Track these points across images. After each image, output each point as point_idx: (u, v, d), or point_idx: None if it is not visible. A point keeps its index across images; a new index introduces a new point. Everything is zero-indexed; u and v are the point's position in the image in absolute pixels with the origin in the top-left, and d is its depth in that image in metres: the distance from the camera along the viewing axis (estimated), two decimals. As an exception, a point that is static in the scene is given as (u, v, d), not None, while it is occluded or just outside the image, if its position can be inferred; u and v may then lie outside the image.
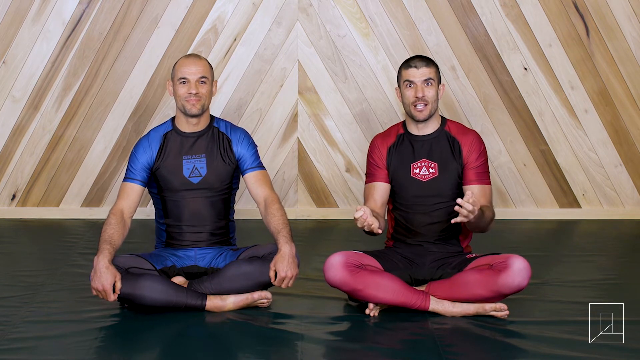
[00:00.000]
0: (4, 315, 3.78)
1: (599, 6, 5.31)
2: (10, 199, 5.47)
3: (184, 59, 4.00)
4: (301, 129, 5.44)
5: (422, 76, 3.96)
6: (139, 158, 4.00)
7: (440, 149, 4.01)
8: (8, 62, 5.32)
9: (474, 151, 4.00)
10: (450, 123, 4.08)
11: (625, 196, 5.54)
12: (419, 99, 3.95)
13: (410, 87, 3.97)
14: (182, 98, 3.94)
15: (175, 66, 3.99)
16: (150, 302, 3.75)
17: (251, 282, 3.84)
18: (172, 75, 4.00)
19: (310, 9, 5.32)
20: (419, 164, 4.01)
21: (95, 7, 5.28)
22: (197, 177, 4.00)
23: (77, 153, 5.44)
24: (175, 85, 3.97)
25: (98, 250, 3.75)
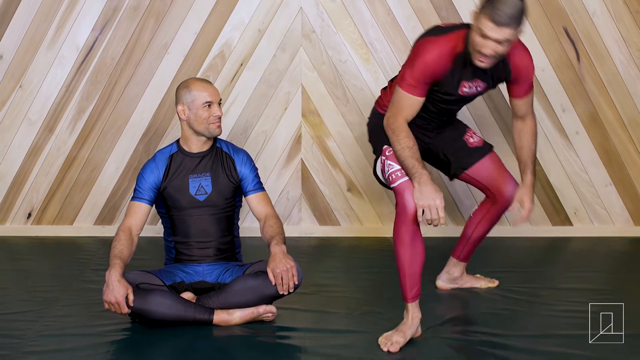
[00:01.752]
0: (20, 328, 3.78)
1: (589, 33, 5.31)
2: (26, 217, 5.46)
3: (203, 84, 4.02)
4: (304, 150, 5.43)
5: (503, 36, 3.50)
6: (147, 178, 4.02)
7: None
8: (24, 87, 5.32)
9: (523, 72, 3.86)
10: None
11: (615, 214, 5.53)
12: (486, 56, 3.58)
13: (482, 39, 3.53)
14: (208, 120, 3.97)
15: (191, 91, 3.98)
16: (160, 316, 3.74)
17: (257, 296, 3.84)
18: (188, 100, 3.98)
19: (313, 35, 5.32)
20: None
21: (107, 34, 5.28)
22: (202, 195, 4.02)
23: (90, 173, 5.43)
24: (196, 109, 3.96)
25: (109, 265, 3.75)
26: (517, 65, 3.80)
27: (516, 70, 3.81)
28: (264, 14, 5.30)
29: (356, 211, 5.52)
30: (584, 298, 4.23)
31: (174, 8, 5.28)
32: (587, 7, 5.29)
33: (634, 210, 5.54)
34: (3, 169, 5.40)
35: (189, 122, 4.00)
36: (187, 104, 3.98)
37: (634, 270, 4.81)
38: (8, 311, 4.02)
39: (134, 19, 5.28)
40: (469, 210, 5.47)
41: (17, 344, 3.62)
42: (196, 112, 3.97)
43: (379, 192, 5.47)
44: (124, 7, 5.27)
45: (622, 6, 5.29)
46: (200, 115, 3.96)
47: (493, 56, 3.57)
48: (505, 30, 3.46)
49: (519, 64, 3.80)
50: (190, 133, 4.03)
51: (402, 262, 3.71)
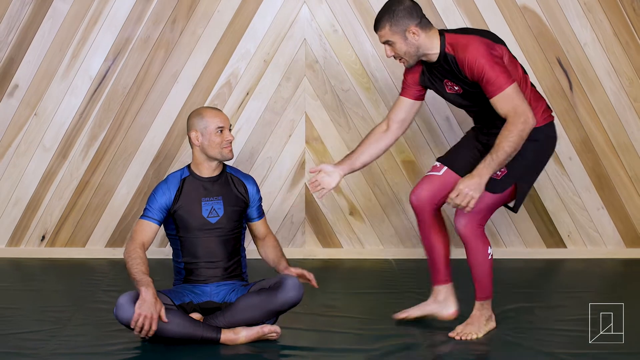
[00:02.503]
0: (34, 347, 3.75)
1: (581, 62, 5.32)
2: (40, 239, 5.45)
3: (214, 111, 4.05)
4: (308, 176, 5.42)
5: (381, 40, 3.81)
6: (158, 199, 4.00)
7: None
8: (39, 114, 5.32)
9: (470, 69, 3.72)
10: (448, 37, 3.78)
11: (607, 237, 5.52)
12: (394, 58, 3.86)
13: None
14: (220, 145, 3.97)
15: (203, 118, 3.98)
16: (170, 334, 3.72)
17: (260, 312, 3.83)
18: (201, 126, 3.98)
19: (317, 65, 5.32)
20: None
21: (119, 64, 5.29)
22: (214, 217, 4.01)
23: (102, 198, 5.43)
24: (209, 135, 3.97)
25: (139, 282, 3.73)
26: (463, 65, 3.71)
27: (469, 73, 3.71)
28: (269, 45, 5.31)
29: (358, 234, 5.50)
30: (577, 317, 4.21)
31: (182, 39, 5.29)
32: (579, 38, 5.30)
33: (625, 233, 5.52)
34: (18, 193, 5.40)
35: (202, 147, 4.00)
36: (200, 131, 3.99)
37: (626, 290, 4.79)
38: (22, 330, 4.00)
39: (145, 50, 5.29)
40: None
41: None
42: (209, 138, 3.97)
43: (379, 215, 5.46)
44: (135, 39, 5.28)
45: (613, 37, 5.30)
46: (213, 141, 3.97)
47: (398, 57, 3.82)
48: (379, 33, 3.79)
49: (463, 66, 3.71)
50: (203, 158, 4.03)
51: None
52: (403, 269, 5.20)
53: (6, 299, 4.52)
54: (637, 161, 5.43)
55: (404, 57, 3.81)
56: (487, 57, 3.66)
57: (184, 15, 5.28)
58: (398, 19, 3.72)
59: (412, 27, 3.73)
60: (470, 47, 3.69)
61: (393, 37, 3.75)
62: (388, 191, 5.44)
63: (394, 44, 3.77)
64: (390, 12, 3.74)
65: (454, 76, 3.80)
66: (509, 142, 3.60)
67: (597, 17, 5.28)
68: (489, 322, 4.00)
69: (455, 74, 3.78)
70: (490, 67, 3.64)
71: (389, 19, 3.73)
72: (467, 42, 3.72)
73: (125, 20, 5.27)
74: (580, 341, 3.86)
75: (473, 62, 3.66)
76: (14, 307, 4.38)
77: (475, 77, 3.69)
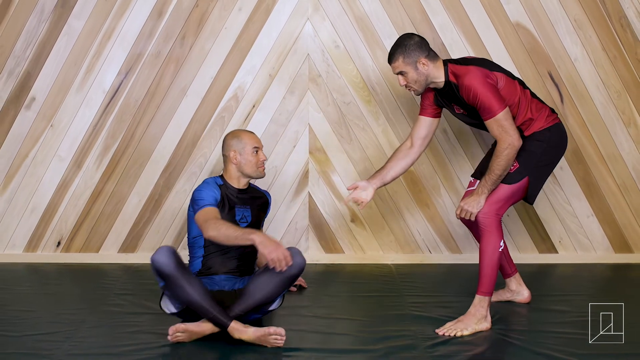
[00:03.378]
0: (49, 349, 3.75)
1: (572, 77, 5.31)
2: (56, 245, 5.44)
3: (250, 133, 4.41)
4: (311, 184, 5.41)
5: (394, 71, 4.18)
6: (210, 193, 4.20)
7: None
8: (55, 126, 5.31)
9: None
10: (451, 67, 4.15)
11: (596, 243, 5.50)
12: (406, 87, 4.20)
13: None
14: (256, 164, 4.32)
15: (241, 139, 4.33)
16: (191, 299, 3.79)
17: (273, 285, 3.89)
18: (239, 147, 4.31)
19: (319, 79, 5.32)
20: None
21: (131, 78, 5.28)
22: (244, 223, 4.26)
23: (115, 205, 5.41)
24: (246, 155, 4.29)
25: (246, 233, 3.83)
26: (462, 91, 4.07)
27: (465, 96, 4.07)
28: (274, 60, 5.30)
29: (359, 240, 5.49)
30: (569, 319, 4.22)
31: (192, 55, 5.28)
32: (569, 53, 5.29)
33: (614, 239, 5.51)
34: (35, 201, 5.39)
35: (239, 165, 4.31)
36: (238, 150, 4.31)
37: (614, 293, 4.76)
38: (38, 332, 4.00)
39: (156, 64, 5.29)
40: (462, 239, 5.45)
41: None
42: (246, 157, 4.31)
43: (379, 222, 5.45)
44: (146, 54, 5.27)
45: (602, 52, 5.29)
46: (250, 160, 4.31)
47: (409, 86, 4.17)
48: (393, 65, 4.16)
49: (462, 91, 4.07)
50: (238, 175, 4.33)
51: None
52: (402, 273, 5.19)
53: (23, 302, 4.51)
54: (625, 170, 5.42)
55: (413, 86, 4.16)
56: (482, 85, 4.01)
57: (193, 32, 5.27)
58: (410, 52, 4.10)
59: (422, 59, 4.11)
60: (468, 75, 4.04)
61: (406, 68, 4.12)
62: (388, 200, 5.42)
63: (406, 74, 4.13)
64: (402, 46, 4.12)
65: (458, 101, 4.17)
66: (498, 166, 4.03)
67: (586, 33, 5.28)
68: (480, 322, 4.05)
69: (459, 98, 4.13)
70: (483, 94, 4.00)
71: (402, 52, 4.11)
72: (465, 71, 4.07)
73: (137, 36, 5.27)
74: (572, 342, 3.85)
75: (469, 89, 4.02)
76: (30, 310, 4.37)
77: (471, 102, 4.06)
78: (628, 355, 3.67)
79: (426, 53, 4.13)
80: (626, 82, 5.34)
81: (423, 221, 5.46)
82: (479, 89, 4.00)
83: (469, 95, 4.03)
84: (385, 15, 5.27)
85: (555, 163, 4.26)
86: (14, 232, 5.44)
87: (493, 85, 4.05)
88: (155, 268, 3.79)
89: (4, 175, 5.37)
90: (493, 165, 4.03)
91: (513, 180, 4.10)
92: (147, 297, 4.58)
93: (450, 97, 4.19)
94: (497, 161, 4.02)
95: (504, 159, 4.01)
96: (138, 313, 4.32)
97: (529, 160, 4.12)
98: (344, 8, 5.28)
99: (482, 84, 4.01)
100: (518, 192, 4.14)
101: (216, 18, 5.27)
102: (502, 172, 4.04)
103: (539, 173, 4.17)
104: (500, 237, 4.08)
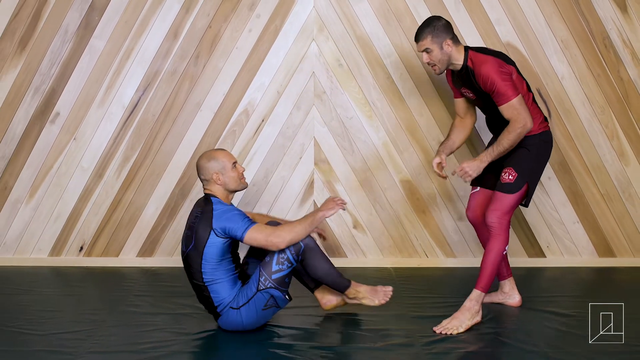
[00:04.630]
0: (72, 346, 3.76)
1: (559, 93, 5.31)
2: (79, 250, 5.44)
3: (222, 151, 4.14)
4: (316, 193, 5.40)
5: (421, 48, 4.22)
6: (238, 211, 3.97)
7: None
8: (78, 139, 5.31)
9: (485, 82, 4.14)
10: (471, 53, 4.22)
11: (582, 248, 5.49)
12: (429, 64, 4.25)
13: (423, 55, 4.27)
14: (238, 178, 4.10)
15: (217, 160, 4.06)
16: (329, 265, 4.08)
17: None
18: (219, 167, 4.05)
19: (324, 95, 5.32)
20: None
21: (149, 95, 5.29)
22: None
23: (133, 213, 5.41)
24: (227, 172, 4.05)
25: (310, 216, 4.01)
26: (478, 78, 4.15)
27: (482, 84, 4.14)
28: (282, 78, 5.30)
29: (360, 245, 5.48)
30: (557, 318, 4.23)
31: (205, 72, 5.28)
32: (556, 71, 5.29)
33: (598, 244, 5.49)
34: (59, 208, 5.39)
35: (225, 184, 4.06)
36: (219, 171, 4.05)
37: (600, 294, 4.75)
38: (62, 330, 4.00)
39: (172, 81, 5.29)
40: (457, 245, 5.44)
41: (69, 359, 3.60)
42: (229, 175, 4.06)
43: (380, 228, 5.44)
44: (163, 72, 5.28)
45: (586, 71, 5.29)
46: (232, 176, 4.06)
47: (433, 63, 4.22)
48: (421, 42, 4.20)
49: (479, 78, 4.15)
50: (226, 194, 4.09)
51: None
52: (400, 275, 5.18)
53: (48, 303, 4.51)
54: (608, 180, 5.41)
55: (437, 64, 4.22)
56: (498, 73, 4.09)
57: (206, 51, 5.28)
58: (438, 32, 4.18)
59: (448, 40, 4.19)
60: (486, 64, 4.12)
61: (432, 46, 4.18)
62: (387, 207, 5.42)
63: (432, 52, 4.19)
64: (431, 26, 4.19)
65: (470, 85, 4.26)
66: (508, 139, 4.09)
67: (572, 53, 5.28)
68: (474, 317, 4.09)
69: (471, 83, 4.22)
70: (499, 82, 4.08)
71: (431, 32, 4.18)
72: (484, 60, 4.15)
73: (154, 55, 5.27)
74: (561, 339, 3.85)
75: (487, 77, 4.10)
76: (54, 310, 4.38)
77: (487, 89, 4.13)
78: (626, 353, 3.66)
79: (451, 35, 4.20)
80: (609, 99, 5.33)
81: (420, 227, 5.45)
82: (495, 77, 4.08)
83: (486, 82, 4.10)
84: (385, 36, 5.27)
85: (544, 167, 4.33)
86: (40, 238, 5.44)
87: (508, 74, 4.13)
88: (297, 246, 3.93)
89: (30, 185, 5.37)
90: (503, 139, 4.10)
91: (516, 190, 4.17)
92: (163, 299, 4.58)
93: (464, 80, 4.27)
94: (508, 136, 4.08)
95: (515, 135, 4.08)
96: (155, 313, 4.32)
97: (525, 169, 4.19)
98: (347, 29, 5.28)
99: (497, 72, 4.09)
100: (519, 198, 4.21)
101: (228, 38, 5.28)
102: (509, 147, 4.11)
103: (533, 178, 4.25)
104: (506, 243, 4.16)
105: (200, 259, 3.91)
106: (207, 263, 3.92)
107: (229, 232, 3.88)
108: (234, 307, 3.92)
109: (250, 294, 3.90)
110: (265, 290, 3.88)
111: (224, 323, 3.97)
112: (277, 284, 3.89)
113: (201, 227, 3.90)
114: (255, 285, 3.90)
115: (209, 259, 3.92)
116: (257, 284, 3.89)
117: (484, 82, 4.11)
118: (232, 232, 3.87)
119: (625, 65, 5.31)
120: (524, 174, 4.19)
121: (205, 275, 3.94)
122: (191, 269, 3.96)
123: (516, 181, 4.17)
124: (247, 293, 3.91)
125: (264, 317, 3.96)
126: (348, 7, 5.28)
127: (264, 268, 3.90)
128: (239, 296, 3.92)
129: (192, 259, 3.94)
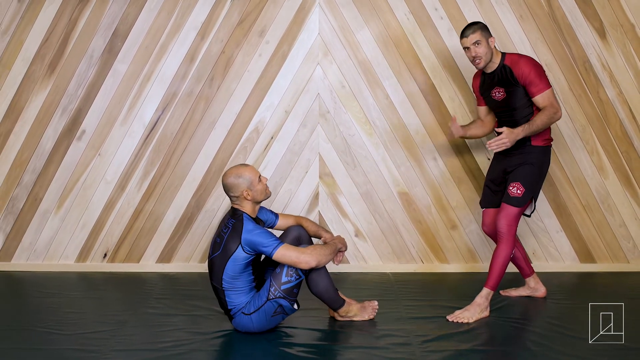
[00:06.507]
0: (97, 345, 3.75)
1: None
2: (103, 257, 5.43)
3: (247, 167, 4.05)
4: (321, 204, 5.39)
5: (472, 40, 4.31)
6: (264, 230, 3.91)
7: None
8: (102, 154, 5.31)
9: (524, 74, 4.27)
10: (508, 55, 4.37)
11: (565, 254, 5.47)
12: (474, 57, 4.34)
13: (467, 50, 4.35)
14: (264, 190, 4.04)
15: (244, 176, 3.98)
16: (330, 283, 4.09)
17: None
18: (247, 184, 3.98)
19: (328, 115, 5.31)
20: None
21: (168, 114, 5.29)
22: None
23: (153, 222, 5.40)
24: (255, 187, 3.99)
25: (328, 246, 4.06)
26: (518, 74, 4.28)
27: (520, 77, 4.27)
28: (290, 98, 5.30)
29: (362, 252, 5.46)
30: (541, 319, 4.22)
31: (219, 94, 5.29)
32: (541, 92, 5.28)
33: (579, 251, 5.48)
34: (85, 218, 5.38)
35: (253, 198, 4.02)
36: (248, 187, 3.99)
37: (582, 296, 4.73)
38: (87, 330, 4.00)
39: (188, 102, 5.29)
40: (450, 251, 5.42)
41: (95, 357, 3.60)
42: (256, 189, 4.01)
43: (379, 237, 5.42)
44: (180, 93, 5.28)
45: (568, 92, 5.29)
46: (259, 189, 4.02)
47: (479, 57, 4.31)
48: (472, 35, 4.30)
49: (519, 73, 4.28)
50: (254, 207, 4.06)
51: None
52: (399, 280, 5.17)
53: (74, 306, 4.51)
54: (589, 192, 5.40)
55: (483, 57, 4.32)
56: (536, 66, 4.29)
57: (220, 74, 5.28)
58: (486, 30, 4.34)
59: (492, 39, 4.36)
60: (525, 58, 4.31)
61: (482, 40, 4.31)
62: (386, 217, 5.40)
63: (480, 44, 4.31)
64: (481, 24, 4.34)
65: (505, 83, 4.35)
66: (541, 120, 4.22)
67: (555, 75, 5.27)
68: (483, 311, 4.25)
69: (508, 80, 4.33)
70: (536, 74, 4.26)
71: (481, 28, 4.32)
72: (521, 56, 4.32)
73: (172, 78, 5.28)
74: (548, 337, 3.82)
75: (527, 66, 4.26)
76: (80, 312, 4.37)
77: (524, 80, 4.26)
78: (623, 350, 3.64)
79: (493, 38, 4.38)
80: (590, 118, 5.33)
81: (416, 236, 5.44)
82: (534, 68, 4.25)
83: (525, 72, 4.24)
84: (384, 61, 5.28)
85: (544, 180, 4.50)
86: (67, 245, 5.43)
87: (542, 68, 4.32)
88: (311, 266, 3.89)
89: (58, 197, 5.37)
90: (537, 119, 4.21)
91: (523, 203, 4.32)
92: (181, 301, 4.57)
93: (497, 81, 4.38)
94: (542, 118, 4.21)
95: (547, 118, 4.21)
96: (173, 314, 4.31)
97: (531, 183, 4.34)
98: (349, 54, 5.29)
99: (536, 65, 4.28)
100: (524, 209, 4.36)
101: (240, 63, 5.28)
102: (541, 127, 4.23)
103: (537, 191, 4.42)
104: (513, 247, 4.30)
105: (223, 267, 3.90)
106: (229, 272, 3.90)
107: (258, 248, 3.85)
108: (245, 312, 3.92)
109: (260, 303, 3.89)
110: (274, 300, 3.87)
111: (237, 325, 3.96)
112: (286, 294, 3.88)
113: (231, 239, 3.88)
114: (265, 295, 3.89)
115: (231, 270, 3.89)
116: (267, 293, 3.88)
117: (523, 74, 4.25)
118: (261, 247, 3.84)
119: (604, 87, 5.30)
120: (530, 189, 4.34)
121: (225, 283, 3.92)
122: (213, 272, 3.96)
123: (524, 195, 4.31)
124: (258, 301, 3.90)
125: (274, 322, 3.95)
126: (350, 35, 5.28)
127: (274, 279, 3.89)
128: (250, 304, 3.91)
129: (216, 264, 3.93)
